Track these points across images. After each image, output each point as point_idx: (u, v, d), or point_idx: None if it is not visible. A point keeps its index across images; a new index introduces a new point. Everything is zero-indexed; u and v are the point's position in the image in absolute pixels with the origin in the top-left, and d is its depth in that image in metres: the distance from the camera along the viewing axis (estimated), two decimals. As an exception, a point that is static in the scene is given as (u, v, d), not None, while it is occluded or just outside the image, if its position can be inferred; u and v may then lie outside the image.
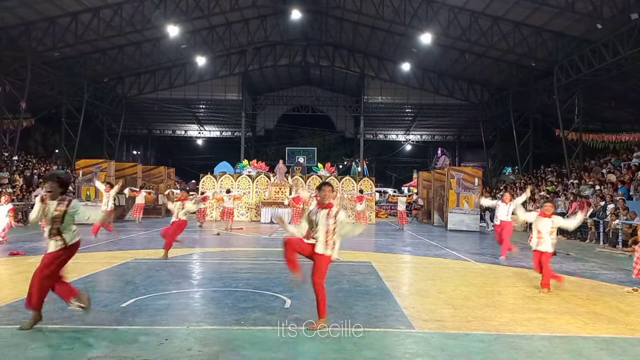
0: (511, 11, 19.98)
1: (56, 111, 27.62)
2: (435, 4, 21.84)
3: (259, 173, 22.85)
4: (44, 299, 4.85)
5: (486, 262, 10.07)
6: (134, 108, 33.30)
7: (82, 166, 19.39)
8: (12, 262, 8.91)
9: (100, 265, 8.71)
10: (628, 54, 16.53)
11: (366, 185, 22.35)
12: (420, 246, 13.38)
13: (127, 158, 37.96)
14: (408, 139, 41.44)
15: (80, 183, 18.93)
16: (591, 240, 15.32)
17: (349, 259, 10.15)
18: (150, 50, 27.13)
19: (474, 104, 31.37)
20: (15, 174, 20.98)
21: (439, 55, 27.19)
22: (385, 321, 5.38)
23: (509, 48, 22.08)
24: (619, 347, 4.73)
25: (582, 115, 22.27)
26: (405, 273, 9.21)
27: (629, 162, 19.66)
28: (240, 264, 9.56)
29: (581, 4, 17.43)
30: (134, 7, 22.14)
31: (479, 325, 5.28)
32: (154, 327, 5.00)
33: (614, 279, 8.48)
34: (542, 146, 28.92)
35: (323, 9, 26.52)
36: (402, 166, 45.69)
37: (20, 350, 4.24)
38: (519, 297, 6.84)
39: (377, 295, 6.65)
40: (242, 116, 32.91)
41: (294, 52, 31.08)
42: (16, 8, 19.52)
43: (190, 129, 41.01)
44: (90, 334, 4.72)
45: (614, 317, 5.79)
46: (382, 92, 33.09)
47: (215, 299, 6.34)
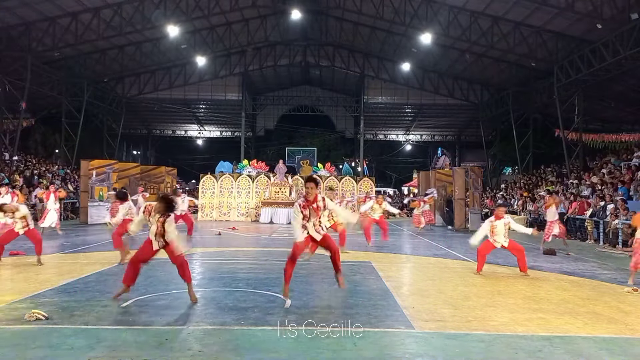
0: (511, 11, 19.98)
1: (56, 111, 27.59)
2: (435, 4, 21.84)
3: (259, 173, 22.85)
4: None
5: (486, 262, 10.05)
6: (134, 108, 33.29)
7: (95, 166, 19.54)
8: (12, 262, 8.90)
9: (100, 265, 8.72)
10: (628, 54, 16.52)
11: (366, 185, 22.35)
12: (420, 246, 13.38)
13: (127, 158, 37.96)
14: (408, 139, 41.43)
15: (94, 183, 19.09)
16: (590, 240, 15.33)
17: (349, 259, 10.15)
18: (150, 50, 27.13)
19: (474, 104, 31.37)
20: (15, 174, 20.98)
21: (439, 55, 27.19)
22: (385, 321, 5.38)
23: (509, 48, 22.08)
24: (619, 347, 4.73)
25: (582, 115, 22.27)
26: (405, 273, 9.21)
27: (629, 162, 19.66)
28: (240, 264, 9.56)
29: (581, 4, 17.42)
30: (134, 7, 22.12)
31: (479, 325, 5.28)
32: (154, 327, 5.01)
33: (614, 279, 8.47)
34: (542, 146, 28.93)
35: (323, 9, 26.51)
36: (402, 166, 45.70)
37: (20, 350, 4.24)
38: (519, 297, 6.84)
39: (377, 295, 6.65)
40: (242, 116, 32.91)
41: (294, 52, 31.08)
42: (16, 8, 19.51)
43: (190, 129, 41.00)
44: (90, 334, 4.72)
45: (614, 317, 5.79)
46: (382, 92, 33.08)
47: (215, 299, 6.34)
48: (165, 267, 8.66)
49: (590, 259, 11.26)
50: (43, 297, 6.17)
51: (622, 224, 13.76)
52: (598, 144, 24.01)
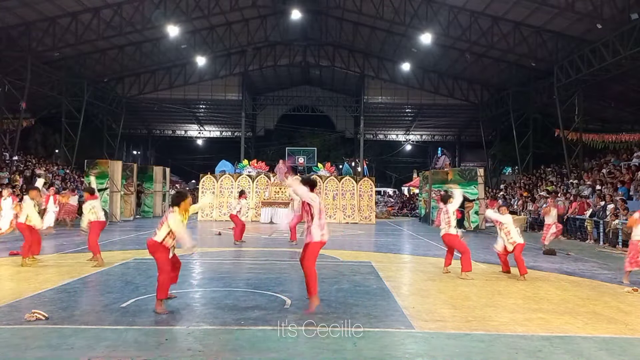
0: (511, 11, 19.98)
1: (56, 111, 27.58)
2: (435, 4, 21.84)
3: (259, 173, 22.85)
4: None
5: (486, 262, 10.06)
6: (134, 108, 33.29)
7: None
8: (12, 262, 8.91)
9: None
10: (628, 54, 16.51)
11: (366, 185, 22.35)
12: (420, 246, 13.38)
13: (127, 158, 37.94)
14: (408, 139, 41.45)
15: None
16: (589, 240, 15.33)
17: (349, 259, 10.15)
18: (150, 50, 27.13)
19: (474, 104, 31.36)
20: (16, 174, 20.97)
21: (439, 55, 27.20)
22: (385, 321, 5.38)
23: (509, 48, 22.08)
24: (619, 347, 4.73)
25: (582, 115, 22.26)
26: (405, 273, 9.21)
27: (629, 162, 19.66)
28: (240, 264, 9.57)
29: (581, 4, 17.42)
30: (134, 7, 22.12)
31: (479, 325, 5.28)
32: (154, 327, 5.01)
33: (614, 279, 8.48)
34: (542, 146, 28.93)
35: (323, 9, 26.51)
36: (402, 166, 45.71)
37: (20, 350, 4.25)
38: (519, 297, 6.84)
39: (377, 295, 6.65)
40: (242, 116, 32.92)
41: (294, 52, 31.08)
42: (16, 8, 19.50)
43: (190, 129, 41.01)
44: (90, 334, 4.72)
45: (614, 317, 5.79)
46: (382, 92, 33.07)
47: (215, 299, 6.34)
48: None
49: (590, 259, 11.26)
50: (43, 297, 6.18)
51: (622, 224, 13.75)
52: (598, 144, 24.00)
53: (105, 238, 12.48)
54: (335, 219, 21.62)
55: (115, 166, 20.44)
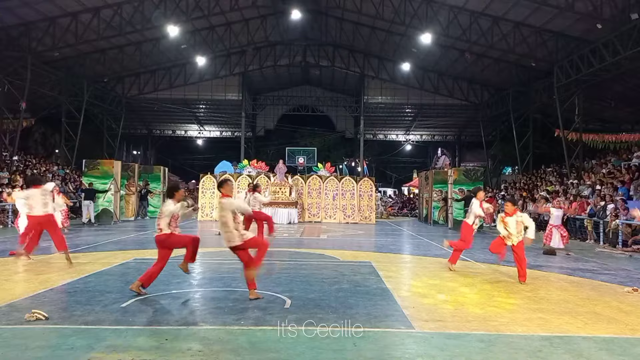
0: (511, 11, 19.97)
1: (56, 111, 27.58)
2: (435, 4, 21.84)
3: (259, 173, 22.85)
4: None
5: (486, 262, 10.06)
6: (134, 108, 33.29)
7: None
8: (12, 262, 8.90)
9: (100, 265, 8.72)
10: (628, 54, 16.52)
11: (366, 185, 22.35)
12: (420, 246, 13.37)
13: (127, 158, 37.93)
14: (408, 139, 41.44)
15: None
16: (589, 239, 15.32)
17: (349, 259, 10.15)
18: (150, 50, 27.11)
19: (474, 104, 31.37)
20: (16, 174, 20.96)
21: (439, 55, 27.20)
22: (385, 321, 5.38)
23: (509, 48, 22.07)
24: (619, 347, 4.73)
25: (582, 115, 22.27)
26: (405, 273, 9.20)
27: (629, 162, 19.66)
28: (241, 264, 9.54)
29: (581, 4, 17.42)
30: (134, 7, 22.12)
31: (479, 325, 5.27)
32: (154, 327, 5.01)
33: (614, 279, 8.47)
34: (542, 146, 28.94)
35: (323, 9, 26.52)
36: (402, 166, 45.72)
37: (20, 350, 4.24)
38: (519, 297, 6.84)
39: (377, 295, 6.65)
40: (242, 116, 32.92)
41: (294, 52, 31.08)
42: (16, 8, 19.50)
43: (190, 129, 41.01)
44: (90, 334, 4.72)
45: (614, 317, 5.79)
46: (382, 92, 33.08)
47: (215, 299, 6.34)
48: (165, 267, 8.66)
49: (590, 259, 11.25)
50: (43, 297, 6.17)
51: (622, 224, 13.76)
52: (598, 144, 24.01)
53: (106, 238, 12.47)
54: (335, 219, 21.65)
55: (115, 166, 20.41)
